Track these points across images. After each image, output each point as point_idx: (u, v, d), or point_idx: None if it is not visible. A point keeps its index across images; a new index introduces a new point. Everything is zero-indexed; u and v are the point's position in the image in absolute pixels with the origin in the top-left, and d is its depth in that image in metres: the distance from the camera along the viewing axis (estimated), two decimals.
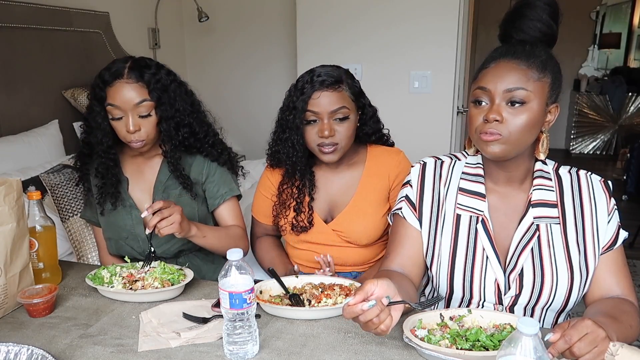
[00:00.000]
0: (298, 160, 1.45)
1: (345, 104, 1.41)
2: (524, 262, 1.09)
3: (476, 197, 1.14)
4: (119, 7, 3.05)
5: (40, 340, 1.06)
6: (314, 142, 1.42)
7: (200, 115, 1.51)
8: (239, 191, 1.57)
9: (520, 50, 1.04)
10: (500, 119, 1.01)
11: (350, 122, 1.43)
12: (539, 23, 1.06)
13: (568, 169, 1.16)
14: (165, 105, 1.41)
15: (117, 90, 1.36)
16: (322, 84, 1.39)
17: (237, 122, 3.64)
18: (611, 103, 6.33)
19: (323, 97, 1.39)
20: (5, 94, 2.30)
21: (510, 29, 1.10)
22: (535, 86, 1.01)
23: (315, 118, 1.40)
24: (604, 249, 1.10)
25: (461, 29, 2.82)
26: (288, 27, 3.45)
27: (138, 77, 1.38)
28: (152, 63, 1.44)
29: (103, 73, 1.40)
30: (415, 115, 2.97)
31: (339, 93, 1.41)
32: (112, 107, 1.37)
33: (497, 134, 1.02)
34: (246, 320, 0.97)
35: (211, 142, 1.52)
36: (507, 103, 1.02)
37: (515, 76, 1.01)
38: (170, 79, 1.44)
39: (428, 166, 1.22)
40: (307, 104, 1.39)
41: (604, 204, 1.12)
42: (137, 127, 1.38)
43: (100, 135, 1.42)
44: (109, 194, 1.47)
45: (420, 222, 1.19)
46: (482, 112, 1.04)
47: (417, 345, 0.93)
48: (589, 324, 0.84)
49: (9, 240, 1.13)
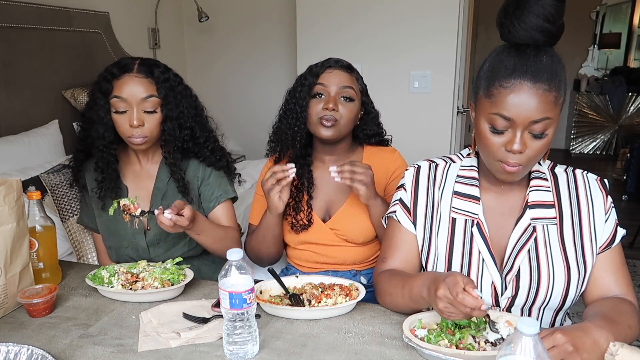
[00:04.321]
0: (299, 130, 1.45)
1: (353, 86, 1.47)
2: (521, 263, 1.09)
3: (471, 200, 1.14)
4: (119, 7, 3.05)
5: (40, 340, 1.06)
6: (316, 114, 1.43)
7: (202, 120, 1.51)
8: (234, 193, 1.56)
9: (541, 69, 0.97)
10: (523, 150, 1.00)
11: (354, 106, 1.47)
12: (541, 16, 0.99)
13: (564, 168, 1.16)
14: (171, 105, 1.40)
15: (125, 83, 1.36)
16: (337, 62, 1.49)
17: (237, 122, 3.64)
18: (611, 103, 6.33)
19: (335, 74, 1.46)
20: (5, 94, 2.30)
21: (512, 18, 1.01)
22: (556, 111, 0.98)
23: (322, 92, 1.44)
24: (602, 248, 1.10)
25: (461, 29, 2.83)
26: (288, 27, 3.45)
27: (147, 72, 1.39)
28: (160, 63, 1.45)
29: (111, 68, 1.39)
30: (415, 115, 2.97)
31: (350, 76, 1.48)
32: (118, 99, 1.36)
33: (520, 164, 1.01)
34: (246, 320, 0.97)
35: (210, 148, 1.51)
36: (529, 132, 0.99)
37: (540, 106, 0.96)
38: (177, 81, 1.45)
39: (422, 170, 1.22)
40: (319, 77, 1.45)
41: (601, 202, 1.11)
42: (141, 122, 1.37)
43: (102, 129, 1.40)
44: (109, 189, 1.45)
45: (415, 225, 1.19)
46: (503, 140, 1.01)
47: (417, 345, 0.93)
48: (558, 338, 0.85)
49: (9, 240, 1.13)
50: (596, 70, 6.99)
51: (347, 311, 1.15)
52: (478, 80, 1.05)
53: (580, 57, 6.95)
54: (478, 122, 1.05)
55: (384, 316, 1.14)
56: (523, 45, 1.01)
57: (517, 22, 0.99)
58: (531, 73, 0.96)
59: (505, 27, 1.02)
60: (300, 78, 1.49)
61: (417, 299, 1.04)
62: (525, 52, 0.99)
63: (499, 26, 1.05)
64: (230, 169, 1.57)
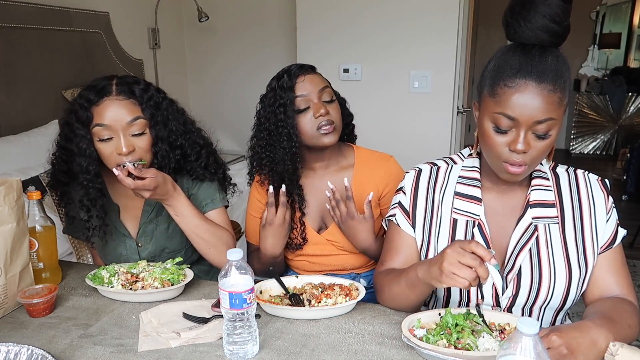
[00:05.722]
0: (297, 151, 1.39)
1: (328, 85, 1.43)
2: (522, 262, 1.09)
3: (472, 201, 1.14)
4: (119, 7, 3.05)
5: (40, 340, 1.06)
6: (311, 128, 1.37)
7: (192, 135, 1.39)
8: (221, 203, 1.46)
9: (547, 69, 0.97)
10: (527, 150, 1.00)
11: (337, 104, 1.43)
12: (547, 15, 0.99)
13: (565, 168, 1.16)
14: (159, 125, 1.30)
15: (106, 108, 1.24)
16: (300, 68, 1.40)
17: (237, 122, 3.64)
18: (611, 103, 6.33)
19: (307, 80, 1.39)
20: (5, 94, 2.31)
21: (518, 17, 1.01)
22: (560, 112, 0.99)
23: (306, 105, 1.37)
24: (603, 248, 1.10)
25: (461, 29, 2.83)
26: (288, 27, 3.45)
27: (128, 93, 1.27)
28: (139, 80, 1.33)
29: (86, 93, 1.27)
30: (415, 115, 2.97)
31: (318, 76, 1.43)
32: (101, 127, 1.24)
33: (523, 164, 1.01)
34: (246, 320, 0.97)
35: (204, 165, 1.40)
36: (533, 132, 0.99)
37: (544, 106, 0.96)
38: (161, 96, 1.34)
39: (423, 173, 1.21)
40: (294, 90, 1.37)
41: (602, 202, 1.12)
42: (131, 148, 1.25)
43: (85, 162, 1.27)
44: (95, 229, 1.35)
45: (414, 228, 1.19)
46: (506, 140, 1.01)
47: (416, 345, 0.93)
48: (553, 339, 0.85)
49: (9, 240, 1.13)
50: (596, 70, 6.99)
51: (347, 311, 1.15)
52: (483, 79, 1.05)
53: (580, 57, 6.95)
54: (482, 122, 1.05)
55: (384, 316, 1.14)
56: (529, 45, 1.01)
57: (523, 21, 0.99)
58: (536, 73, 0.96)
59: (512, 27, 1.02)
60: (271, 98, 1.39)
61: (412, 281, 1.05)
62: (530, 52, 0.99)
63: (504, 26, 1.05)
64: (226, 180, 1.49)
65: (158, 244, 1.45)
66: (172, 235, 1.45)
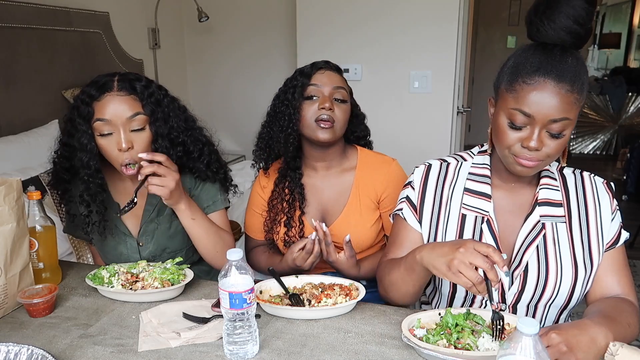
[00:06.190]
0: (292, 132, 1.40)
1: (344, 87, 1.45)
2: (529, 259, 1.10)
3: (482, 197, 1.15)
4: (119, 7, 3.05)
5: (40, 340, 1.06)
6: (312, 117, 1.39)
7: (194, 132, 1.40)
8: (223, 204, 1.47)
9: (566, 69, 0.97)
10: (540, 148, 1.00)
11: (347, 107, 1.45)
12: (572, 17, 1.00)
13: (572, 170, 1.18)
14: (159, 121, 1.31)
15: (107, 103, 1.26)
16: (326, 64, 1.46)
17: (237, 121, 3.64)
18: (611, 103, 6.34)
19: (327, 74, 1.44)
20: (5, 94, 2.31)
21: (542, 17, 1.02)
22: (575, 113, 0.99)
23: (315, 93, 1.41)
24: (607, 246, 1.11)
25: (461, 29, 2.83)
26: (288, 27, 3.45)
27: (129, 88, 1.28)
28: (141, 76, 1.35)
29: (88, 89, 1.29)
30: (415, 115, 2.97)
31: (340, 77, 1.47)
32: (102, 122, 1.26)
33: (536, 160, 1.01)
34: (246, 320, 0.97)
35: (206, 162, 1.41)
36: (547, 131, 0.99)
37: (561, 106, 0.96)
38: (162, 93, 1.35)
39: (433, 168, 1.22)
40: (310, 78, 1.42)
41: (608, 203, 1.13)
42: (130, 144, 1.27)
43: (86, 157, 1.29)
44: (95, 224, 1.35)
45: (420, 223, 1.19)
46: (520, 136, 1.01)
47: (416, 345, 0.93)
48: (552, 337, 0.86)
49: (9, 240, 1.13)
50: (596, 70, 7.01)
51: (347, 311, 1.15)
52: (501, 75, 1.06)
53: None
54: (497, 117, 1.05)
55: (384, 316, 1.14)
56: (550, 45, 1.01)
57: (547, 21, 1.00)
58: (556, 72, 0.97)
59: (535, 26, 1.03)
60: (290, 80, 1.45)
61: (411, 264, 1.05)
62: (552, 52, 1.00)
63: (527, 24, 1.05)
64: (227, 181, 1.49)
65: (159, 243, 1.45)
66: (173, 235, 1.45)
